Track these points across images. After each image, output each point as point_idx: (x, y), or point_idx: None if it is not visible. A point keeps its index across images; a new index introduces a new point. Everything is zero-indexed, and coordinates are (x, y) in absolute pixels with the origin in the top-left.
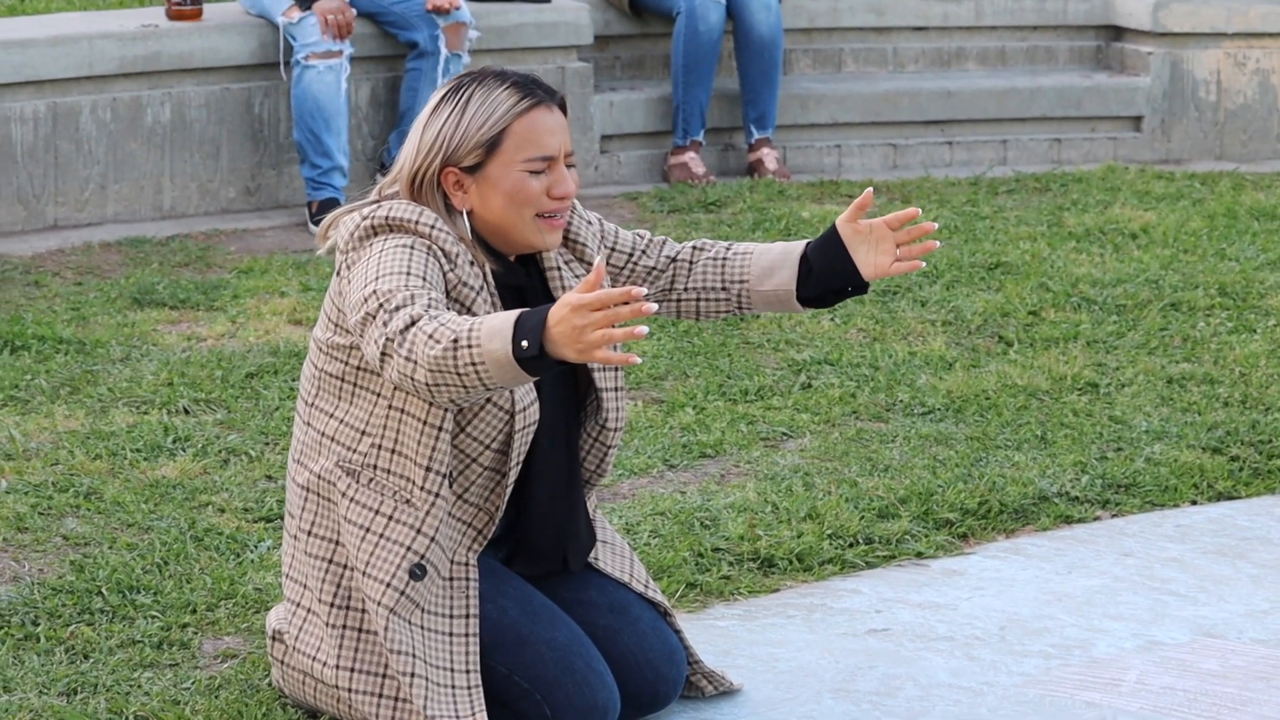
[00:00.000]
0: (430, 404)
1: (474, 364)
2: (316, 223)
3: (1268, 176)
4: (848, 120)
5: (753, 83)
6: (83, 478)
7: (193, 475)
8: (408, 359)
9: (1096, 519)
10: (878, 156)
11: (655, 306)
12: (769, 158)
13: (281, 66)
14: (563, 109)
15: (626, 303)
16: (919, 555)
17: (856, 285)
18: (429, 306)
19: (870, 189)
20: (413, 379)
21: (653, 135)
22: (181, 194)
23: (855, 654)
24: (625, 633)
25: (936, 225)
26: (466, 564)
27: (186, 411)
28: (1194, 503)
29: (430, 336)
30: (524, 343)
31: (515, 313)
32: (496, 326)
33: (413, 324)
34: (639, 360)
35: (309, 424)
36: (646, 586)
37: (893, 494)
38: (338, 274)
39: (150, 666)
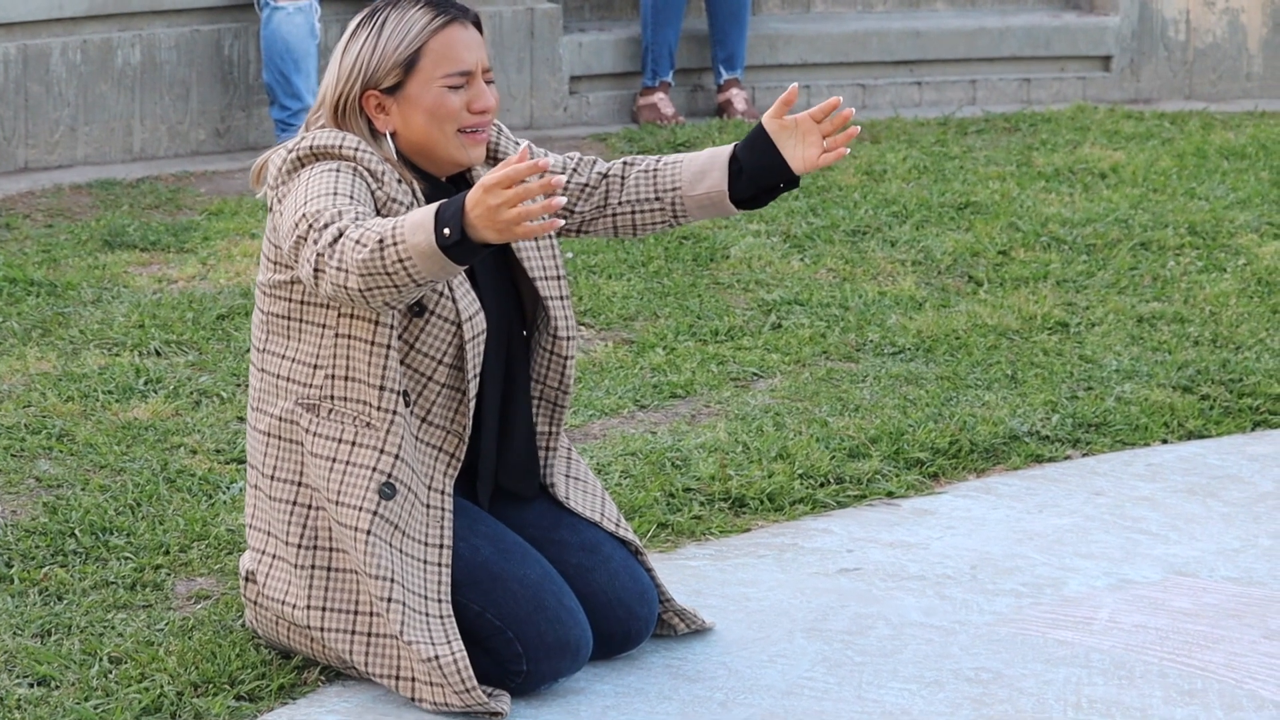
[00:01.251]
0: (370, 314)
1: (400, 260)
2: None
3: (1237, 116)
4: (816, 60)
5: (721, 23)
6: (55, 419)
7: (165, 417)
8: (339, 268)
9: (1067, 458)
10: (846, 96)
11: (563, 178)
12: (738, 98)
13: (256, 7)
14: (477, 26)
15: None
16: (890, 495)
17: (788, 180)
18: (355, 219)
19: (795, 85)
20: (345, 288)
21: (622, 76)
22: (151, 136)
23: (827, 593)
24: (597, 571)
25: (853, 110)
26: (443, 492)
27: (158, 353)
28: (1165, 441)
29: (357, 242)
30: (445, 230)
31: (435, 205)
32: (418, 220)
33: (340, 235)
34: (561, 222)
35: (263, 370)
36: (618, 525)
37: (863, 434)
38: (270, 210)
39: (124, 608)
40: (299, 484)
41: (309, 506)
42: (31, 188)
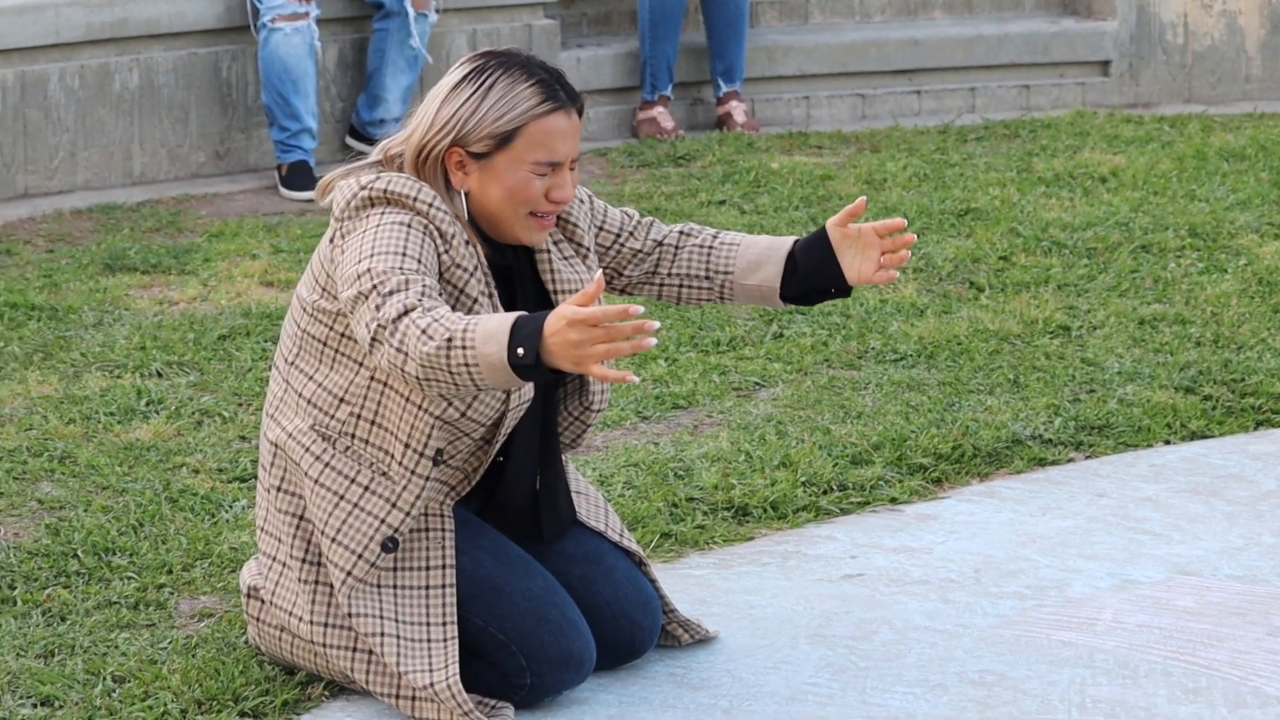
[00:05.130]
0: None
1: (467, 365)
2: (286, 185)
3: (1236, 118)
4: (815, 71)
5: (720, 36)
6: (57, 442)
7: (166, 437)
8: (399, 350)
9: (1070, 460)
10: (846, 107)
11: (657, 324)
12: (737, 110)
13: (251, 29)
14: (580, 113)
15: (625, 318)
16: (893, 501)
17: (840, 288)
18: (423, 295)
19: (864, 198)
20: (403, 370)
21: (621, 91)
22: (151, 160)
23: (830, 599)
24: (600, 582)
25: (915, 237)
26: (441, 514)
27: (159, 374)
28: (1167, 442)
29: (424, 331)
30: (520, 350)
31: (511, 317)
32: (492, 330)
33: (406, 313)
34: (636, 380)
35: (287, 382)
36: (621, 536)
37: (866, 440)
38: (330, 240)
39: (127, 627)
40: (304, 499)
41: (313, 524)
42: (32, 213)
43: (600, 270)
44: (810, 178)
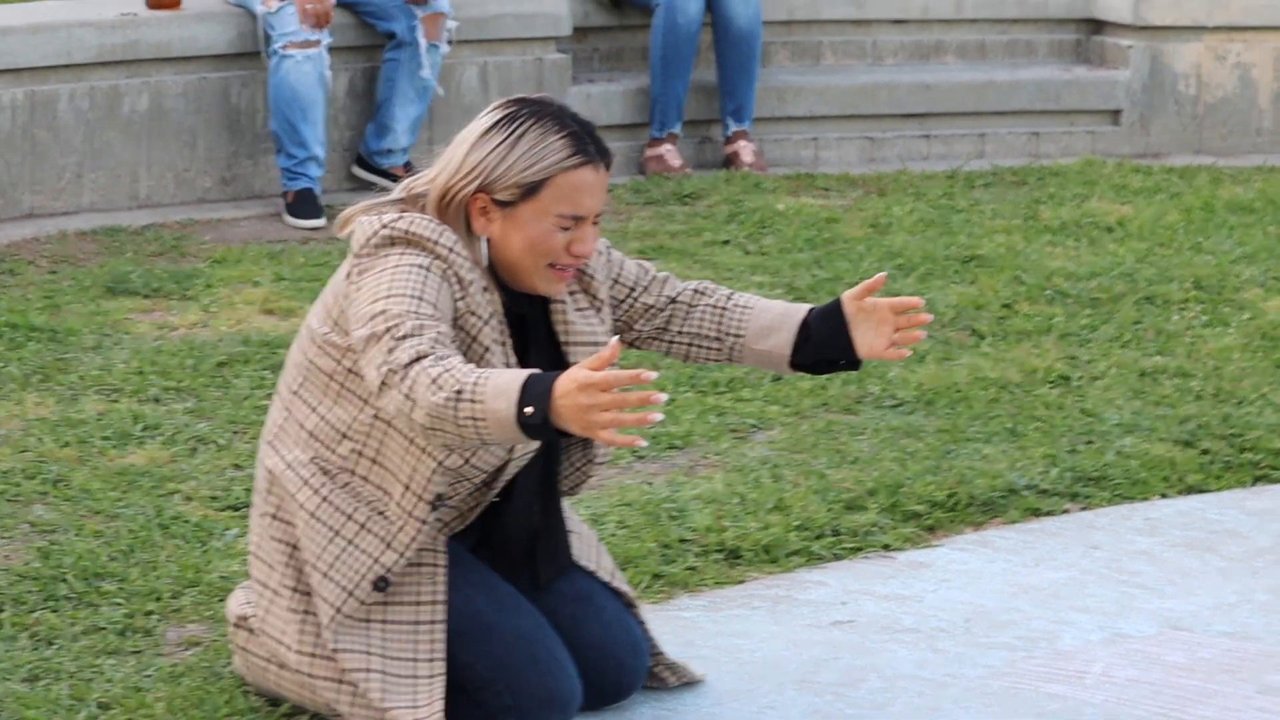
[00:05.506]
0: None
1: (474, 419)
2: (291, 212)
3: (1246, 170)
4: (825, 113)
5: (730, 75)
6: (51, 465)
7: (161, 463)
8: (407, 397)
9: (1065, 512)
10: (854, 149)
11: (665, 396)
12: (746, 150)
13: (262, 55)
14: (608, 168)
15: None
16: (886, 547)
17: (850, 361)
18: (436, 342)
19: (884, 274)
20: (410, 417)
21: (630, 127)
22: (158, 183)
23: (819, 645)
24: (589, 622)
25: (931, 317)
26: (435, 549)
27: (156, 400)
28: (1164, 496)
29: (434, 381)
30: (529, 409)
31: (522, 374)
32: (502, 386)
33: (417, 360)
34: (644, 443)
35: (289, 410)
36: (612, 576)
37: (861, 486)
38: (347, 275)
39: (113, 653)
40: (296, 529)
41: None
42: (36, 234)
43: (616, 336)
44: (816, 220)
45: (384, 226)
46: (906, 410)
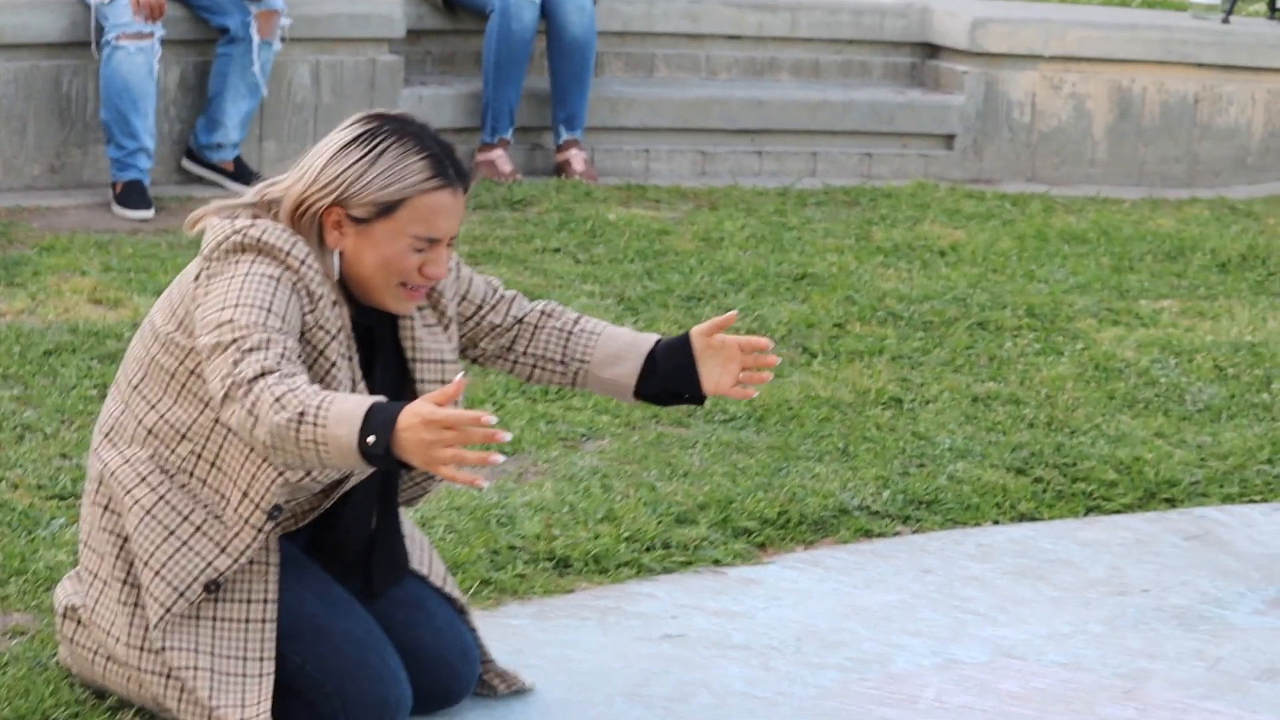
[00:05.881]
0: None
1: (316, 442)
2: (120, 202)
3: (1079, 200)
4: (657, 125)
5: (564, 83)
6: None
7: None
8: (249, 413)
9: (897, 534)
10: (686, 162)
11: (508, 436)
12: (577, 158)
13: (93, 46)
14: (466, 190)
15: (479, 424)
16: (716, 562)
17: (694, 395)
18: (282, 358)
19: (735, 312)
20: (252, 433)
21: (461, 131)
22: None
23: (649, 658)
24: (420, 628)
25: (779, 360)
26: (267, 548)
27: None
28: (996, 522)
29: (277, 399)
30: (370, 438)
31: (366, 403)
32: (345, 412)
33: (262, 375)
34: (485, 485)
35: (127, 404)
36: (444, 582)
37: (692, 500)
38: (195, 278)
39: None
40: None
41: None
42: None
43: (462, 373)
44: (647, 231)
45: (236, 232)
46: (738, 425)
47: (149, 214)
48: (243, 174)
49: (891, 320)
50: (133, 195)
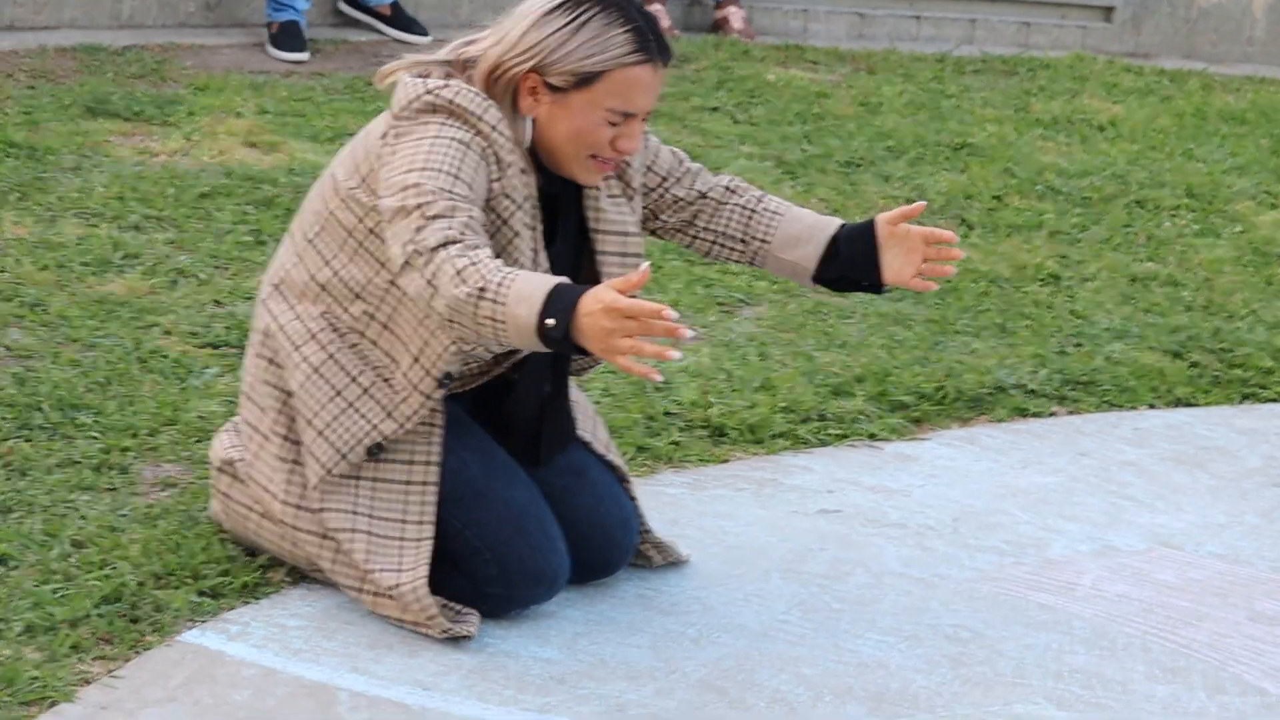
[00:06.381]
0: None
1: (494, 319)
2: (275, 44)
3: (1236, 79)
4: None
5: None
6: (29, 288)
7: (140, 294)
8: (429, 283)
9: (1052, 414)
10: (844, 24)
11: (691, 333)
12: (735, 16)
13: None
14: (666, 65)
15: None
16: (872, 437)
17: (873, 284)
18: (466, 228)
19: (923, 203)
20: (430, 303)
21: None
22: (141, 4)
23: (805, 534)
24: (582, 495)
25: (963, 254)
26: (433, 409)
27: (137, 228)
28: (1152, 406)
29: (459, 273)
30: (550, 321)
31: (549, 283)
32: (527, 291)
33: (445, 245)
34: (659, 377)
35: (300, 258)
36: (607, 449)
37: (849, 371)
38: (383, 136)
39: (88, 489)
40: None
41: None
42: (15, 46)
43: (647, 263)
44: (806, 94)
45: (428, 92)
46: (895, 296)
47: (304, 56)
48: (400, 20)
49: (1050, 195)
50: (288, 37)
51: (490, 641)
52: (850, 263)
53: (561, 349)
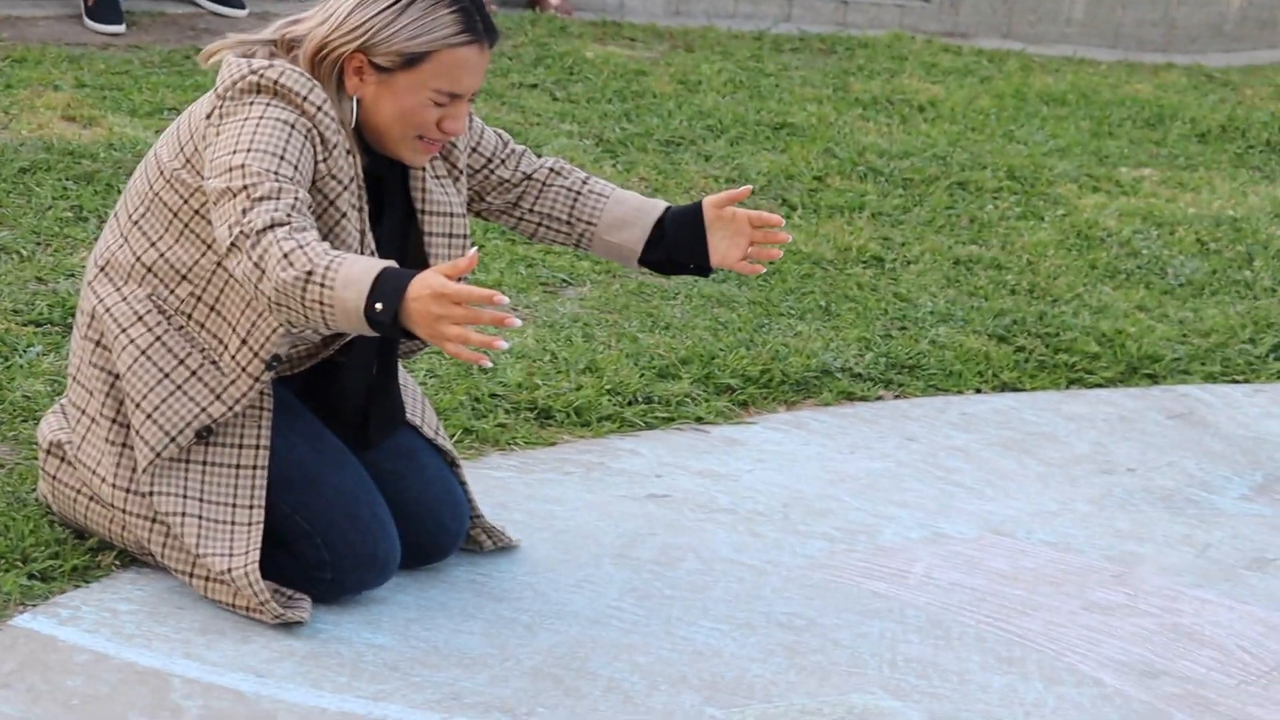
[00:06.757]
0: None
1: (321, 303)
2: (91, 16)
3: (1055, 60)
4: None
5: None
6: None
7: None
8: (256, 266)
9: (879, 398)
10: (660, 0)
11: (519, 322)
12: None
13: None
14: (493, 46)
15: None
16: (699, 420)
17: (700, 266)
18: (293, 210)
19: (749, 186)
20: (257, 286)
21: None
22: None
23: (635, 518)
24: (411, 478)
25: (790, 237)
26: (263, 393)
27: None
28: (979, 391)
29: (285, 256)
30: (378, 305)
31: (377, 267)
32: (354, 276)
33: (271, 227)
34: (490, 364)
35: (126, 240)
36: (436, 433)
37: (674, 354)
38: (208, 116)
39: None
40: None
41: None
42: None
43: (475, 248)
44: (625, 71)
45: (252, 72)
46: (718, 278)
47: (121, 29)
48: None
49: (871, 176)
50: (104, 9)
51: (323, 627)
52: (677, 245)
53: (389, 333)
